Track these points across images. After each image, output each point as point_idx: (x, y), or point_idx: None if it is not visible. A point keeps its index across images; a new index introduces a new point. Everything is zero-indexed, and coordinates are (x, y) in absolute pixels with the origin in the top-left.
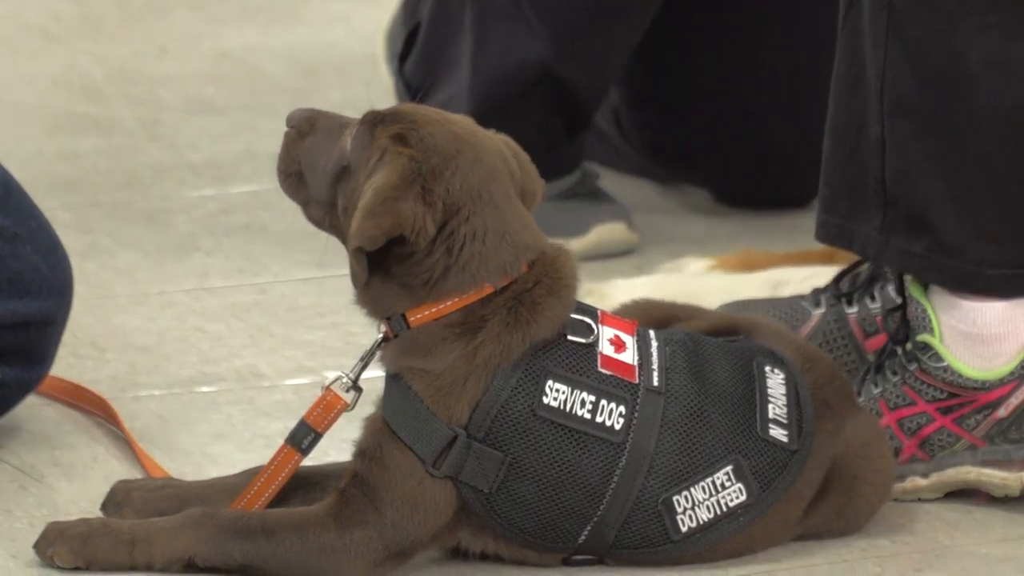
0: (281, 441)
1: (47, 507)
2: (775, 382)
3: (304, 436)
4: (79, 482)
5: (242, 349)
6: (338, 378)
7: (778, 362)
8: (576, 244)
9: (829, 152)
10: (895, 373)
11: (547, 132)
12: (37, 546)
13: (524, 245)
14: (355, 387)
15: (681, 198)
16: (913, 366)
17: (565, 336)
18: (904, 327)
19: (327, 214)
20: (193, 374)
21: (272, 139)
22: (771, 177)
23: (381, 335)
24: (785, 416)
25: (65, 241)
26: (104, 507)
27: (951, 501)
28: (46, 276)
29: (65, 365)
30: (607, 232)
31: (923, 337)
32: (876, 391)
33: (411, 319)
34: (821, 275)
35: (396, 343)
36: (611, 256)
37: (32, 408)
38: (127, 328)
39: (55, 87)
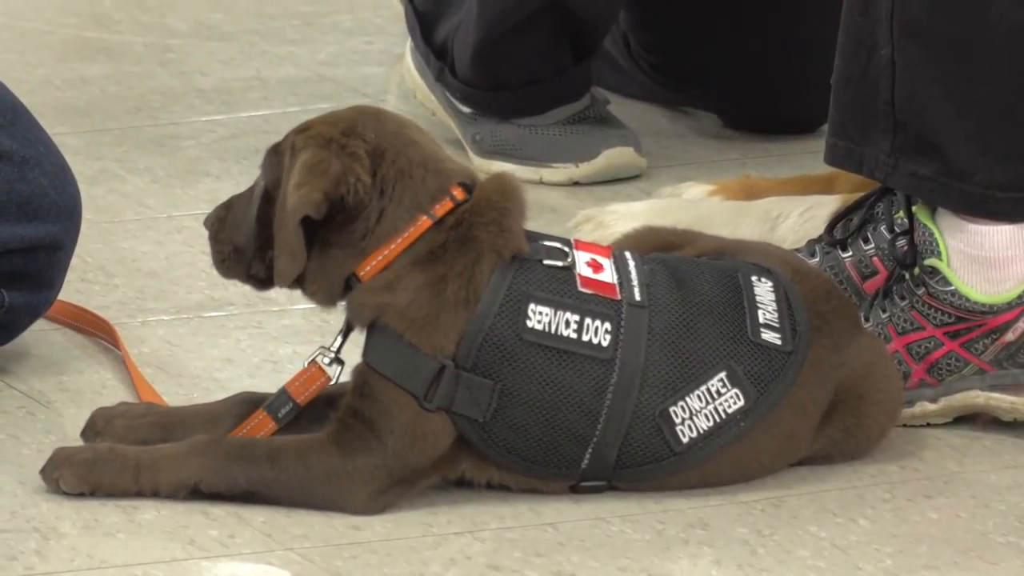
0: (290, 366)
1: (55, 433)
2: (763, 289)
3: (282, 405)
4: (87, 408)
5: None
6: (320, 352)
7: (764, 272)
8: (584, 168)
9: (839, 75)
10: (903, 298)
11: (555, 57)
12: (43, 471)
13: (448, 171)
14: (337, 360)
15: (690, 123)
16: (921, 290)
17: (541, 261)
18: (912, 251)
19: (264, 256)
20: (201, 299)
21: (282, 65)
22: (780, 102)
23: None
24: (777, 320)
25: (74, 167)
26: (84, 434)
27: (960, 427)
28: (55, 201)
29: (73, 290)
30: (616, 156)
31: (930, 261)
32: (884, 316)
33: (361, 274)
34: (820, 206)
35: (357, 293)
36: (620, 180)
37: (40, 333)
38: (136, 253)
39: (65, 13)
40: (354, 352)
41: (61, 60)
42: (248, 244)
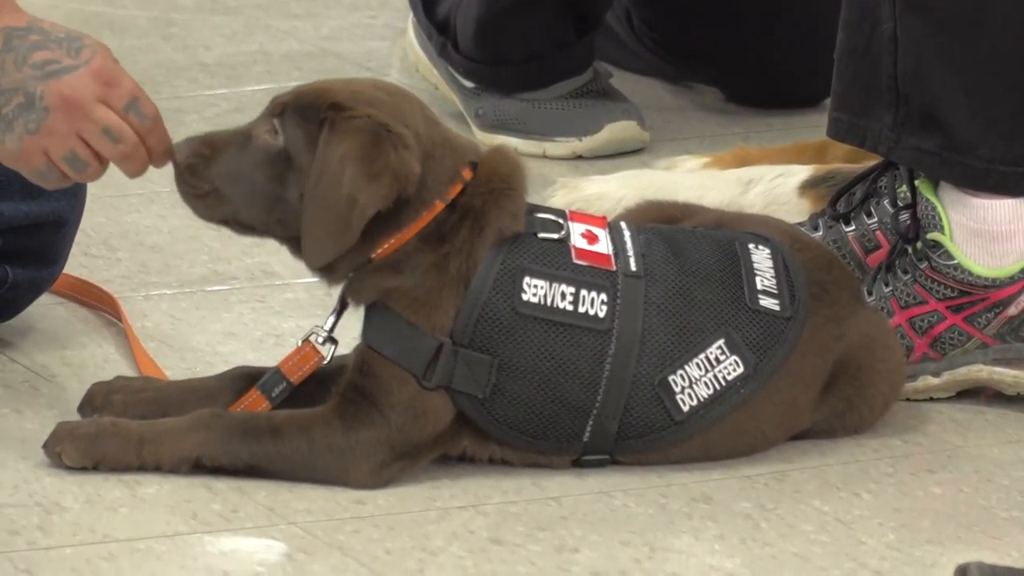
0: (292, 340)
1: (57, 407)
2: (760, 256)
3: (276, 384)
4: (90, 382)
5: (253, 248)
6: (314, 332)
7: (761, 240)
8: (588, 142)
9: (841, 49)
10: (906, 272)
11: (558, 32)
12: (46, 446)
13: (459, 149)
14: (331, 339)
15: (692, 97)
16: (923, 264)
17: (535, 234)
18: (914, 225)
19: (269, 214)
20: (204, 273)
21: (285, 39)
22: (782, 76)
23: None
24: (775, 287)
25: None
26: (81, 410)
27: (962, 402)
28: None
29: (77, 264)
30: (619, 130)
31: (933, 235)
32: (887, 290)
33: (372, 256)
34: (791, 173)
35: (363, 273)
36: (622, 154)
37: (43, 308)
38: (139, 227)
39: None
40: (348, 331)
41: None
42: (244, 198)
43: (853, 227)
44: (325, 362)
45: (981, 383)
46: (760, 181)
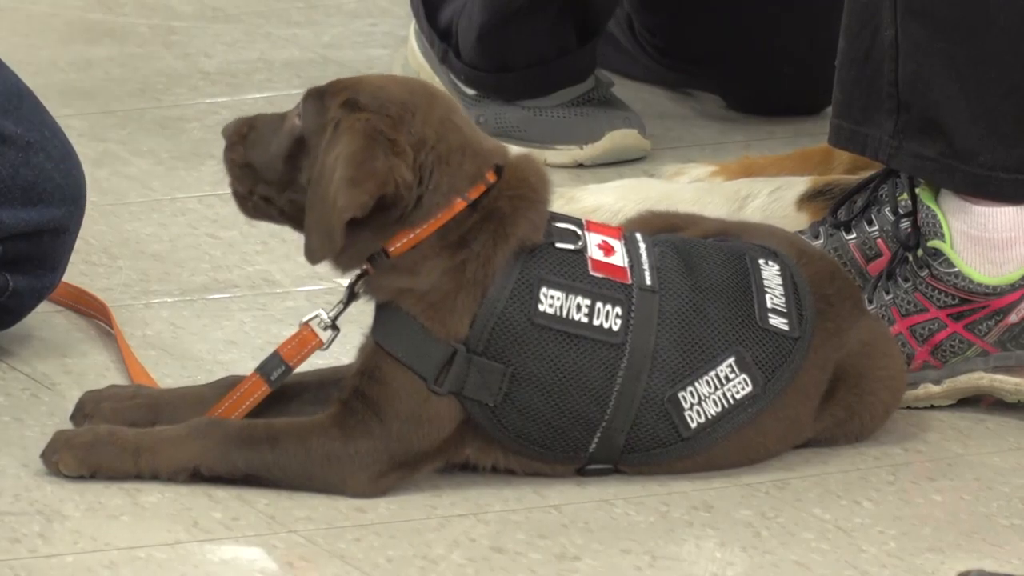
0: None
1: (58, 415)
2: (770, 273)
3: (274, 368)
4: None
5: (255, 256)
6: (316, 316)
7: (771, 255)
8: (589, 150)
9: (842, 56)
10: (906, 280)
11: (560, 39)
12: (44, 455)
13: (486, 152)
14: (332, 327)
15: (694, 105)
16: (924, 272)
17: (553, 244)
18: (915, 233)
19: (282, 192)
20: (206, 281)
21: (286, 47)
22: (784, 83)
23: (359, 270)
24: (784, 305)
25: (79, 149)
26: (73, 418)
27: (963, 409)
28: (59, 184)
29: (77, 272)
30: (620, 138)
31: (934, 243)
32: (888, 298)
33: (390, 249)
34: (789, 186)
35: (379, 272)
36: (624, 163)
37: (44, 316)
38: (140, 235)
39: None
40: (347, 320)
41: (66, 42)
42: (266, 173)
43: (854, 235)
44: (324, 347)
45: (982, 391)
46: (758, 195)
